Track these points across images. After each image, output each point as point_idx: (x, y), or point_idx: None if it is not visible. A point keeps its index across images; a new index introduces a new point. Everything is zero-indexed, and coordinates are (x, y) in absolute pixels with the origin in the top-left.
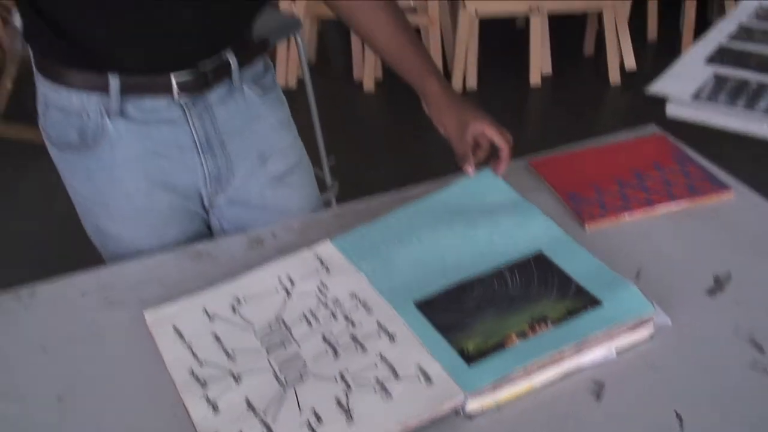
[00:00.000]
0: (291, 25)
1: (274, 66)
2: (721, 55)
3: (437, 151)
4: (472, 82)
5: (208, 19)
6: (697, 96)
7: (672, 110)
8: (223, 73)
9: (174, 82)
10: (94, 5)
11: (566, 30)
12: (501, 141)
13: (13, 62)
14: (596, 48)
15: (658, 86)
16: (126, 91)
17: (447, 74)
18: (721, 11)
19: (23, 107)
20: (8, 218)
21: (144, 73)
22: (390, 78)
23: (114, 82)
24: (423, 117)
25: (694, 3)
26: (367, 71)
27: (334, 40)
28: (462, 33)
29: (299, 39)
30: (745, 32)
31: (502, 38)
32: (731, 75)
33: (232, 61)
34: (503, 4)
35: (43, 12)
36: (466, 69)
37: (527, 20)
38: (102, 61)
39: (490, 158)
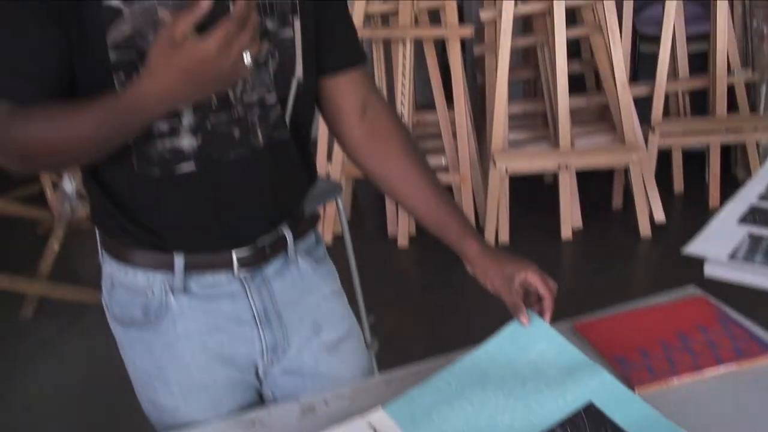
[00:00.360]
0: (333, 190)
1: None
2: (753, 215)
3: (474, 307)
4: (505, 237)
5: (268, 198)
6: (733, 256)
7: (710, 270)
8: (279, 247)
9: (235, 258)
10: (160, 190)
11: (594, 184)
12: (544, 289)
13: (60, 225)
14: (624, 201)
15: (694, 247)
16: (189, 268)
17: (479, 230)
18: (744, 164)
19: (68, 269)
20: (50, 378)
21: (207, 251)
22: (423, 233)
23: (179, 260)
24: (458, 271)
25: (719, 156)
26: (401, 228)
27: (367, 197)
28: (493, 190)
29: (340, 203)
30: None
31: (531, 193)
32: (765, 234)
33: (288, 235)
34: (533, 161)
35: (111, 195)
36: (498, 224)
37: (555, 175)
38: (167, 242)
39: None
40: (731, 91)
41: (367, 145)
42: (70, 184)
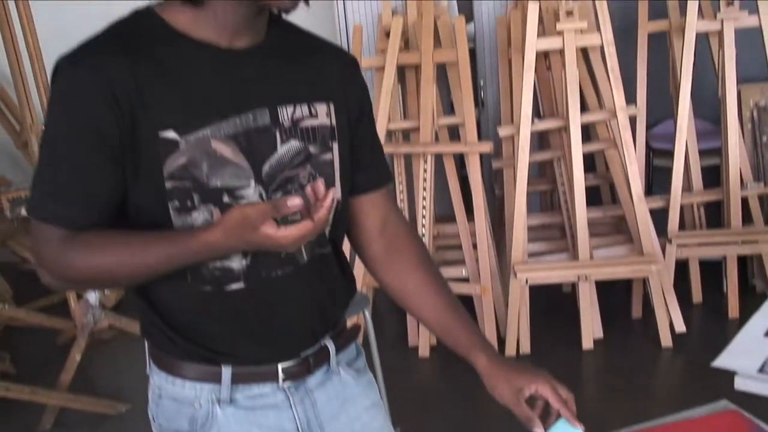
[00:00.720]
0: (361, 303)
1: None
2: None
3: (497, 419)
4: (526, 347)
5: (312, 311)
6: (762, 369)
7: (741, 384)
8: (322, 358)
9: (280, 370)
10: (210, 306)
11: (613, 293)
12: (556, 401)
13: (83, 335)
14: (644, 310)
15: (723, 361)
16: (236, 380)
17: (500, 339)
18: (762, 275)
19: (88, 379)
20: None
21: (254, 364)
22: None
23: (226, 373)
24: (480, 383)
25: (736, 267)
26: (422, 339)
27: (386, 305)
28: (513, 300)
29: (367, 314)
30: None
31: (551, 302)
32: None
33: (330, 346)
34: (553, 273)
35: (161, 309)
36: (519, 335)
37: (574, 284)
38: (216, 354)
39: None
40: (745, 203)
41: (384, 258)
42: (93, 295)
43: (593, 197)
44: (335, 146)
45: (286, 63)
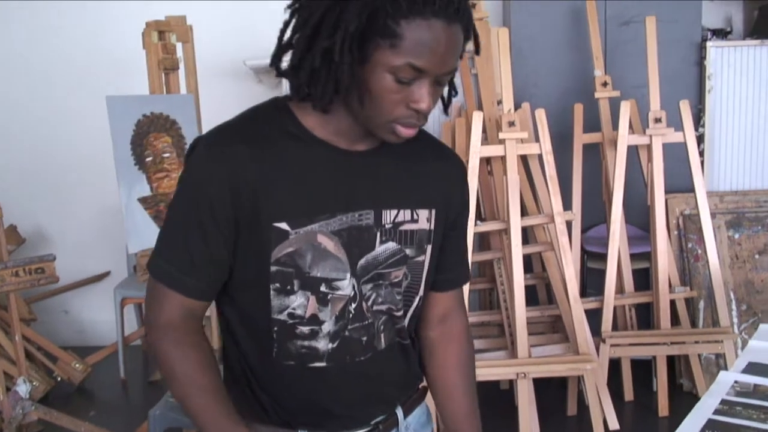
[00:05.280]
0: None
1: None
2: (712, 429)
3: None
4: None
5: (387, 391)
6: None
7: None
8: (391, 425)
9: None
10: (293, 377)
11: (549, 390)
12: None
13: (10, 429)
14: (579, 407)
15: None
16: None
17: None
18: (689, 374)
19: None
20: None
21: (326, 430)
22: None
23: None
24: None
25: (665, 367)
26: None
27: None
28: None
29: None
30: (728, 407)
31: (488, 399)
32: None
33: (399, 414)
34: (492, 370)
35: (248, 373)
36: None
37: (511, 381)
38: (291, 420)
39: None
40: (673, 305)
41: (433, 347)
42: (24, 387)
43: (529, 297)
44: (429, 249)
45: (397, 167)
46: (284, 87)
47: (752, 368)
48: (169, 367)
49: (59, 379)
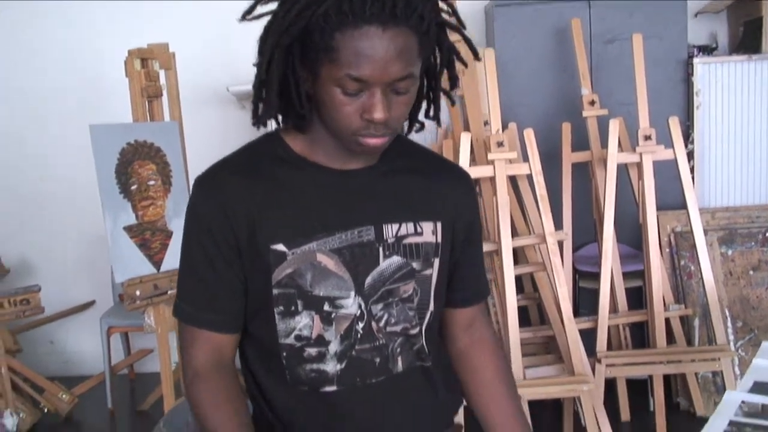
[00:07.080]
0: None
1: None
2: None
3: None
4: None
5: (403, 420)
6: None
7: None
8: None
9: None
10: (308, 403)
11: (546, 412)
12: None
13: None
14: (574, 429)
15: None
16: None
17: None
18: (686, 393)
19: None
20: None
21: None
22: None
23: None
24: None
25: (662, 386)
26: None
27: None
28: None
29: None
30: (737, 428)
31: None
32: None
33: None
34: None
35: (267, 397)
36: None
37: None
38: None
39: None
40: (668, 323)
41: (465, 355)
42: (11, 419)
43: (522, 318)
44: (436, 262)
45: (395, 181)
46: None
47: (758, 388)
48: (201, 418)
49: (46, 410)
